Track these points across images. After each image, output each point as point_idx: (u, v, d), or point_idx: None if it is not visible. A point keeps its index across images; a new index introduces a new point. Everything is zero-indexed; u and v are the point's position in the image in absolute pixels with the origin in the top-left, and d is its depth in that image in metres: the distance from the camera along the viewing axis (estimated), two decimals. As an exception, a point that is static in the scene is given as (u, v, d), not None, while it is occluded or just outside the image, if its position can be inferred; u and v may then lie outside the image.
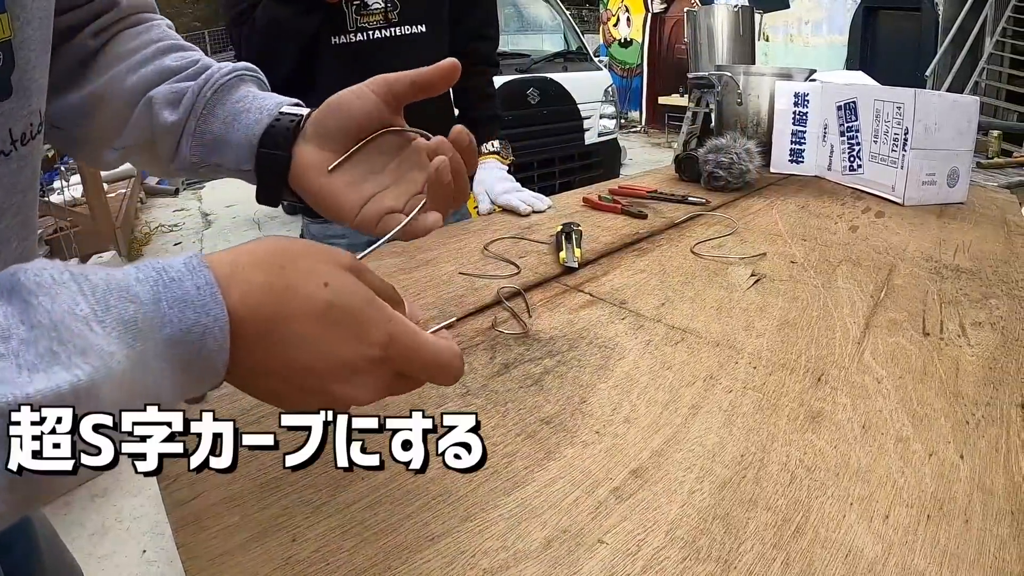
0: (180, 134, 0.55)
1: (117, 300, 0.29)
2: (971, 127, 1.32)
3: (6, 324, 0.26)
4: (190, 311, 0.31)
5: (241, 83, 0.57)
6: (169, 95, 0.54)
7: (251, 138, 0.53)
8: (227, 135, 0.55)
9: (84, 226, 4.37)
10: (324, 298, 0.35)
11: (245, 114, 0.54)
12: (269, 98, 0.56)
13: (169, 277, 0.31)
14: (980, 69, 5.68)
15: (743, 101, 1.65)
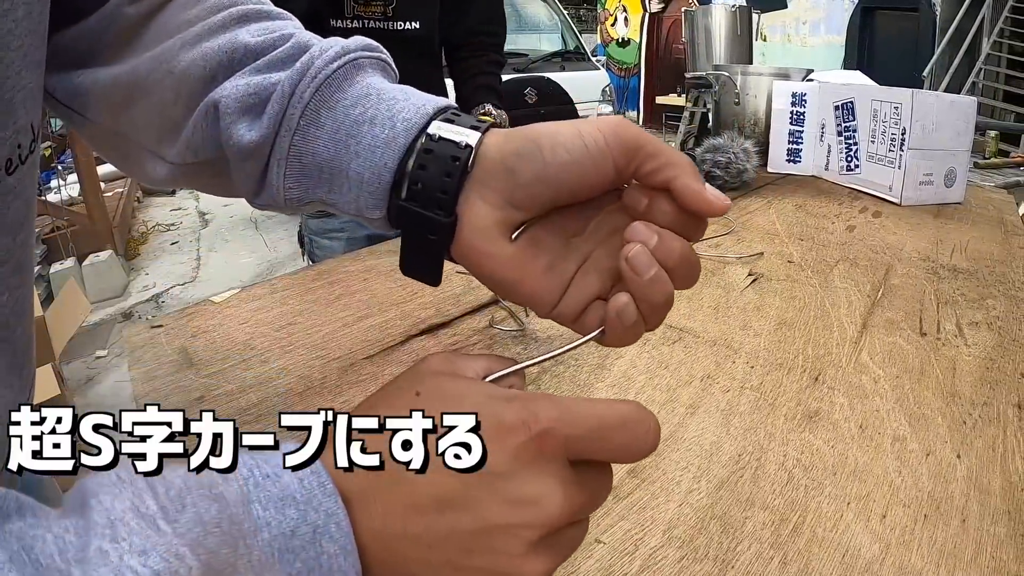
0: (267, 157, 0.37)
1: (197, 498, 0.23)
2: (968, 127, 1.32)
3: (64, 540, 0.21)
4: (293, 509, 0.25)
5: (358, 72, 0.38)
6: (245, 97, 0.37)
7: (380, 172, 0.34)
8: (340, 161, 0.36)
9: (81, 225, 4.36)
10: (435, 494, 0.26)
11: (369, 128, 0.35)
12: (405, 98, 0.36)
13: (262, 474, 0.25)
14: (977, 69, 5.69)
15: (740, 101, 1.65)
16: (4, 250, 0.35)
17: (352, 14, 1.16)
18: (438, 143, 0.33)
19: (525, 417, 0.26)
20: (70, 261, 4.04)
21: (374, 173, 0.34)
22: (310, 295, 0.87)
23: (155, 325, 0.79)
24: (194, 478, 0.24)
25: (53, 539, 0.21)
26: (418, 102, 0.36)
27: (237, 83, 0.37)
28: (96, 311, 3.83)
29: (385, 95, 0.36)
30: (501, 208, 0.33)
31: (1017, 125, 5.08)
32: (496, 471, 0.25)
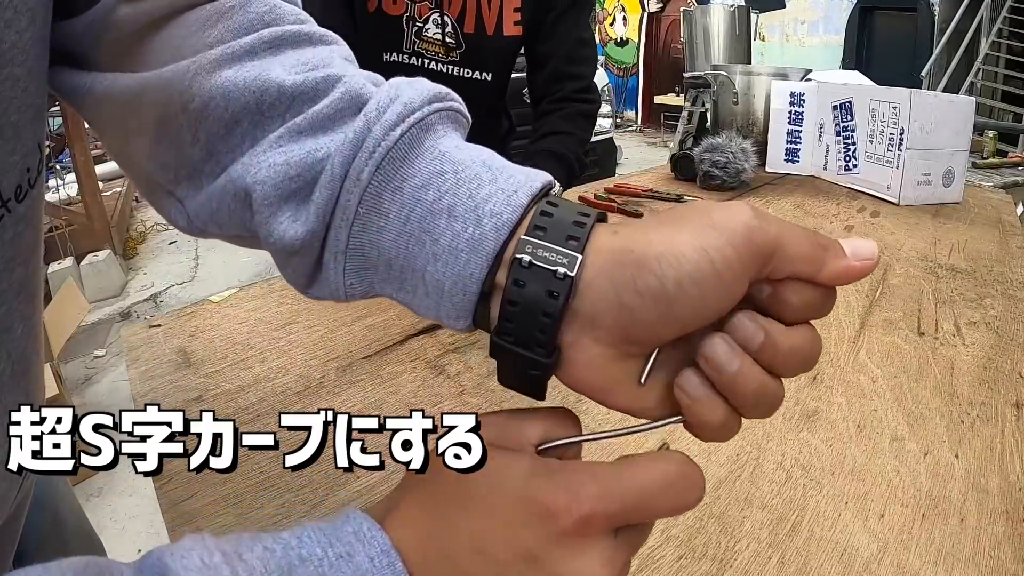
0: (319, 251, 0.30)
1: None
2: (967, 127, 1.32)
3: None
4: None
5: (428, 134, 0.30)
6: (286, 182, 0.29)
7: (466, 283, 0.28)
8: (414, 260, 0.29)
9: (79, 225, 4.36)
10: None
11: (448, 223, 0.28)
12: (492, 179, 0.29)
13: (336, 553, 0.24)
14: (976, 69, 5.70)
15: (739, 101, 1.65)
16: (19, 282, 0.32)
17: (411, 49, 1.04)
18: (535, 253, 0.27)
19: (568, 501, 0.25)
20: (68, 261, 4.03)
21: (457, 282, 0.28)
22: (309, 295, 0.87)
23: (153, 325, 0.79)
24: (272, 560, 0.23)
25: None
26: (507, 186, 0.28)
27: (273, 160, 0.29)
28: (94, 310, 3.82)
29: (464, 173, 0.29)
30: (615, 346, 0.27)
31: (1015, 125, 5.08)
32: (538, 555, 0.25)
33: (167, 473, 0.53)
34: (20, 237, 0.30)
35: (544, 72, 1.16)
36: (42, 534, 0.55)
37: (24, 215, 0.30)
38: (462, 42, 1.04)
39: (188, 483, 0.52)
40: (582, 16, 1.18)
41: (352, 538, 0.25)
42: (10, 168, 0.28)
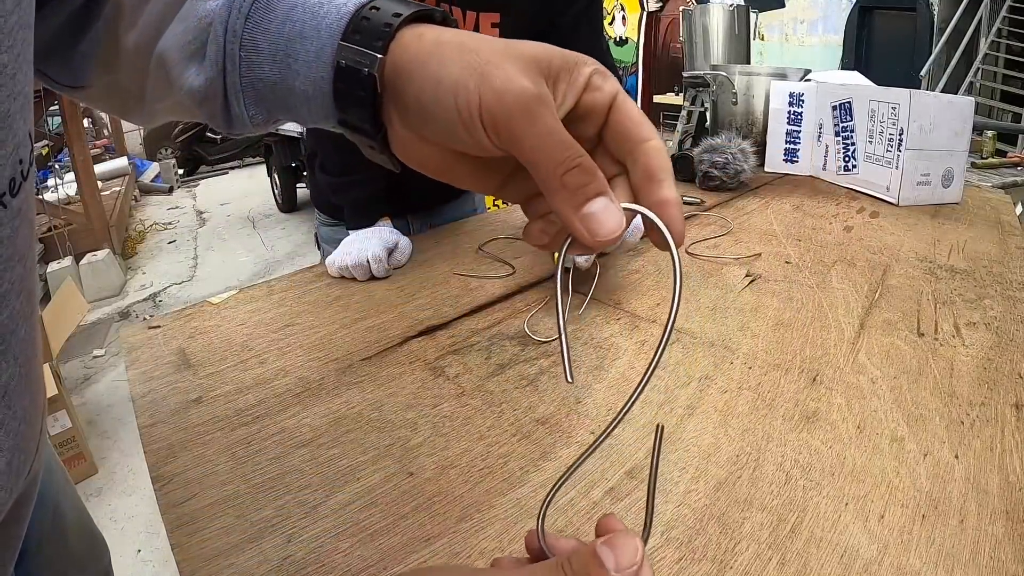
0: (223, 94, 0.38)
1: None
2: (966, 127, 1.32)
3: None
4: None
5: None
6: (185, 46, 0.38)
7: (320, 87, 0.35)
8: (287, 82, 0.36)
9: (78, 224, 4.36)
10: None
11: (301, 44, 0.35)
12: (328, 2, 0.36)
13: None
14: (975, 69, 5.70)
15: (738, 101, 1.65)
16: (18, 280, 0.32)
17: None
18: (346, 69, 0.33)
19: None
20: (67, 260, 4.03)
21: (315, 89, 0.35)
22: (308, 296, 0.87)
23: (153, 326, 0.79)
24: None
25: None
26: (339, 3, 0.35)
27: (175, 30, 0.38)
28: (93, 310, 3.82)
29: (309, 3, 0.36)
30: (419, 134, 0.33)
31: (1014, 125, 5.08)
32: None
33: (166, 474, 0.53)
34: (16, 233, 0.31)
35: None
36: (43, 531, 0.55)
37: (19, 209, 0.31)
38: None
39: (187, 484, 0.51)
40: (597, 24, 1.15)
41: None
42: (2, 161, 0.29)
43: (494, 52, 0.30)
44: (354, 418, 0.59)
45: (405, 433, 0.57)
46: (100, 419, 2.65)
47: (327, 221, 1.19)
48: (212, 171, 8.22)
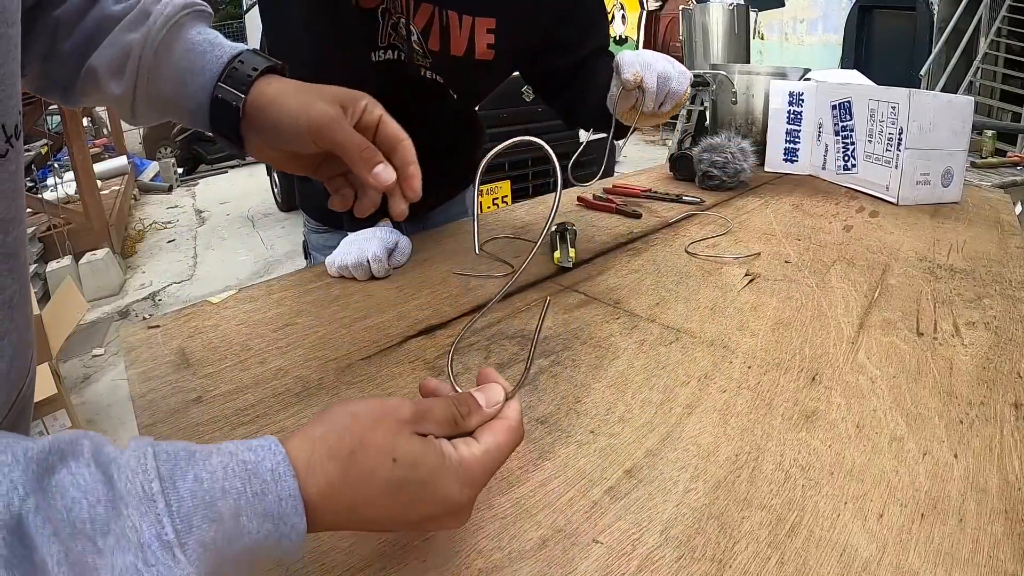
0: (132, 100, 0.58)
1: (201, 520, 0.30)
2: (965, 127, 1.32)
3: (104, 516, 0.28)
4: (269, 523, 0.32)
5: (182, 29, 0.58)
6: (112, 63, 0.56)
7: (203, 106, 0.58)
8: (180, 98, 0.58)
9: (77, 223, 4.36)
10: (397, 476, 0.36)
11: (191, 77, 0.57)
12: (212, 50, 0.58)
13: (253, 491, 0.32)
14: (975, 69, 5.70)
15: (738, 100, 1.65)
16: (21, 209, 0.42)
17: (387, 42, 0.99)
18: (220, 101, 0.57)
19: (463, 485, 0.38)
20: (67, 259, 4.03)
21: (199, 108, 0.58)
22: (307, 296, 0.87)
23: (152, 325, 0.79)
24: (200, 493, 0.30)
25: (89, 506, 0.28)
26: (220, 53, 0.58)
27: (104, 53, 0.56)
28: (93, 309, 3.82)
29: (198, 49, 0.58)
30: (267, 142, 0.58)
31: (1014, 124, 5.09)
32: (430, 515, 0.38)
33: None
34: (18, 169, 0.40)
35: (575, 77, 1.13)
36: None
37: (19, 151, 0.40)
38: (428, 55, 1.00)
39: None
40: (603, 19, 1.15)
41: (269, 480, 0.33)
42: (9, 110, 0.38)
43: (311, 95, 0.56)
44: (353, 417, 0.59)
45: (404, 432, 0.57)
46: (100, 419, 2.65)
47: (317, 228, 1.18)
48: (211, 170, 8.22)
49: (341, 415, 0.37)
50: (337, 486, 0.35)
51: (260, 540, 0.32)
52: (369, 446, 0.36)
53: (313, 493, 0.34)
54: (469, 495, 0.39)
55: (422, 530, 0.42)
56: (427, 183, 1.18)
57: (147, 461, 0.30)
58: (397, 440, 0.37)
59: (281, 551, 0.33)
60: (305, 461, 0.35)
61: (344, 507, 0.35)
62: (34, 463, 0.28)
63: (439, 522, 0.38)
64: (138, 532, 0.28)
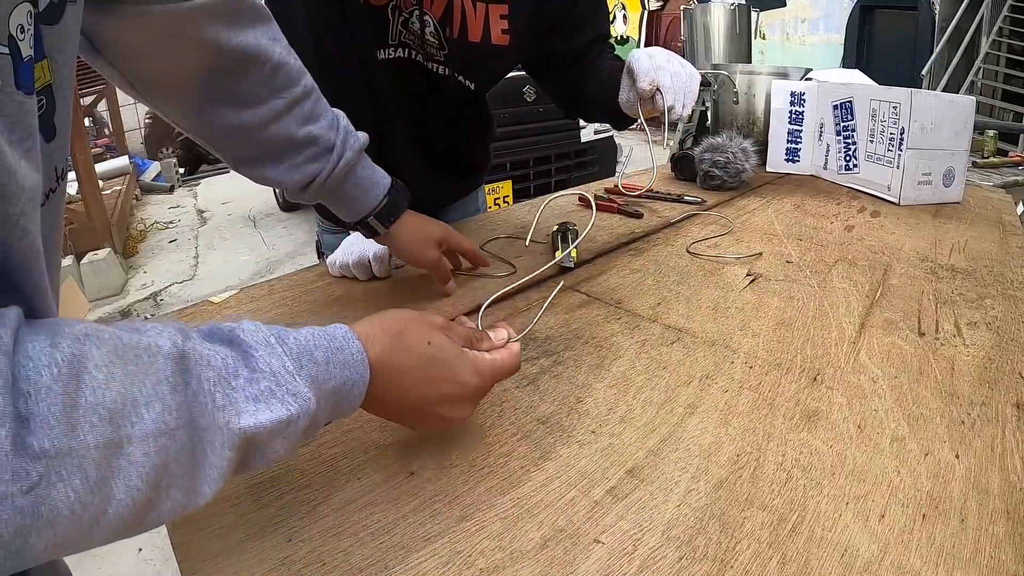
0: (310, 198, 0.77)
1: (307, 361, 0.41)
2: (967, 127, 1.32)
3: (234, 366, 0.38)
4: (347, 371, 0.44)
5: (354, 170, 0.77)
6: (296, 182, 0.73)
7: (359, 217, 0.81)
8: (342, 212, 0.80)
9: (79, 223, 4.36)
10: (429, 352, 0.49)
11: (355, 204, 0.79)
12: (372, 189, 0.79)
13: (335, 346, 0.44)
14: (976, 68, 5.69)
15: (739, 100, 1.65)
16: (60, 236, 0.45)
17: (398, 40, 0.98)
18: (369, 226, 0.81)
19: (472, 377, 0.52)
20: (68, 259, 4.03)
21: (356, 219, 0.81)
22: (309, 296, 0.87)
23: (153, 324, 0.79)
24: (302, 344, 0.42)
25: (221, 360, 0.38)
26: (377, 193, 0.80)
27: (289, 174, 0.73)
28: (95, 309, 3.82)
29: (364, 185, 0.79)
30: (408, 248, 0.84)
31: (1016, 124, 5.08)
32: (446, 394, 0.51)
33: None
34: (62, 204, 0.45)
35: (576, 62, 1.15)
36: None
37: (64, 188, 0.44)
38: (445, 45, 0.99)
39: (188, 484, 0.51)
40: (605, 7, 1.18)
41: (343, 340, 0.45)
42: (62, 154, 0.42)
43: (421, 242, 0.84)
44: (355, 417, 0.59)
45: (406, 432, 0.57)
46: (101, 418, 2.65)
47: (331, 228, 1.18)
48: (213, 170, 8.23)
49: (392, 312, 0.52)
50: (388, 352, 0.47)
51: (341, 384, 0.43)
52: (412, 330, 0.50)
53: (371, 354, 0.46)
54: (477, 384, 0.52)
55: (439, 413, 0.50)
56: (441, 178, 1.18)
57: (260, 328, 0.41)
58: (431, 332, 0.51)
59: (351, 399, 0.45)
60: (366, 333, 0.47)
61: (392, 369, 0.47)
62: (179, 332, 0.36)
63: (452, 405, 0.51)
64: (269, 364, 0.39)
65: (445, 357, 0.50)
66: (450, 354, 0.51)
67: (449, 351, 0.51)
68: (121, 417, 0.31)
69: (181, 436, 0.33)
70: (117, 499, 0.31)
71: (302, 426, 0.40)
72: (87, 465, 0.29)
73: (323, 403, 0.42)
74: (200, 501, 0.36)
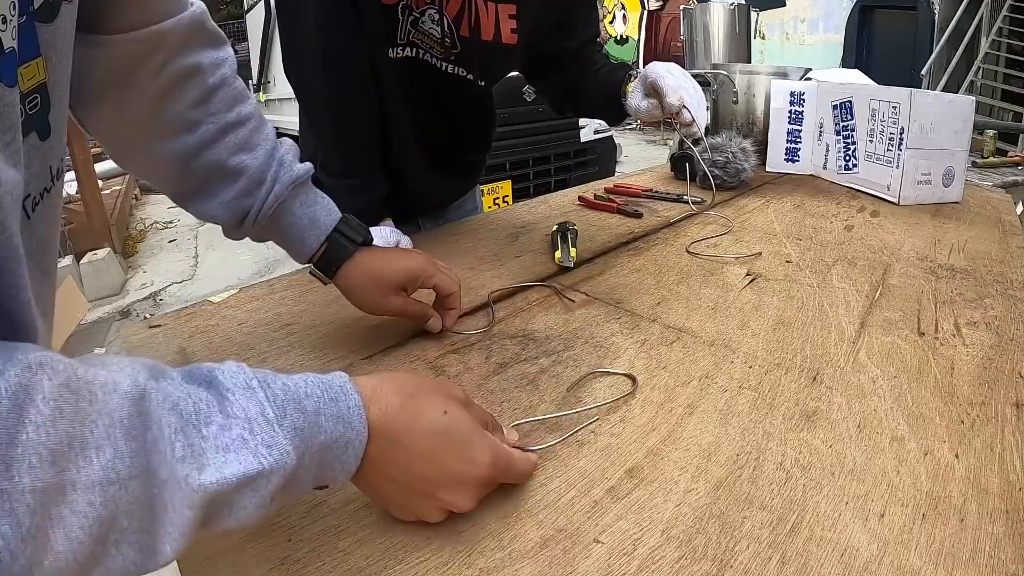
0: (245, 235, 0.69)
1: (292, 410, 0.38)
2: (966, 127, 1.32)
3: (207, 411, 0.35)
4: (341, 426, 0.40)
5: (289, 200, 0.68)
6: (229, 218, 0.66)
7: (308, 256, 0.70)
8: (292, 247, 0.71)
9: (79, 223, 4.35)
10: (443, 423, 0.45)
11: (294, 245, 0.70)
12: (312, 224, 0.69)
13: (329, 397, 0.40)
14: (976, 68, 5.70)
15: (739, 100, 1.65)
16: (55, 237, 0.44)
17: (407, 39, 0.98)
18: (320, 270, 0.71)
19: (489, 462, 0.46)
20: (68, 259, 4.03)
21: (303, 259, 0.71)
22: (309, 296, 0.87)
23: (153, 325, 0.79)
24: (290, 391, 0.39)
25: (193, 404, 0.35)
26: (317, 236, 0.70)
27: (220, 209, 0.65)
28: (94, 309, 3.82)
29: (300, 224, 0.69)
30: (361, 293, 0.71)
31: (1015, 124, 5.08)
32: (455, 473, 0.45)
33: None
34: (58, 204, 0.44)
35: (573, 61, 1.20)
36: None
37: (59, 188, 0.44)
38: (457, 43, 1.00)
39: (187, 483, 0.51)
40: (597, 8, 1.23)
41: (339, 391, 0.41)
42: (57, 154, 0.42)
43: (377, 291, 0.70)
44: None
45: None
46: (101, 418, 2.65)
47: None
48: (213, 170, 8.20)
49: (406, 373, 0.48)
50: (395, 413, 0.43)
51: (333, 439, 0.40)
52: (426, 395, 0.46)
53: (374, 412, 0.42)
54: (488, 471, 0.46)
55: (440, 497, 0.45)
56: (444, 178, 1.18)
57: (244, 370, 0.38)
58: (449, 402, 0.46)
59: (344, 461, 0.41)
60: (371, 389, 0.43)
61: (397, 431, 0.43)
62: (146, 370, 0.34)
63: (456, 489, 0.45)
64: (244, 410, 0.36)
65: (460, 431, 0.45)
66: (467, 428, 0.46)
67: (466, 425, 0.46)
68: (65, 460, 0.28)
69: (134, 487, 0.30)
70: (55, 551, 0.28)
71: (276, 483, 0.36)
72: (19, 510, 0.26)
73: (308, 460, 0.38)
74: (160, 561, 0.32)
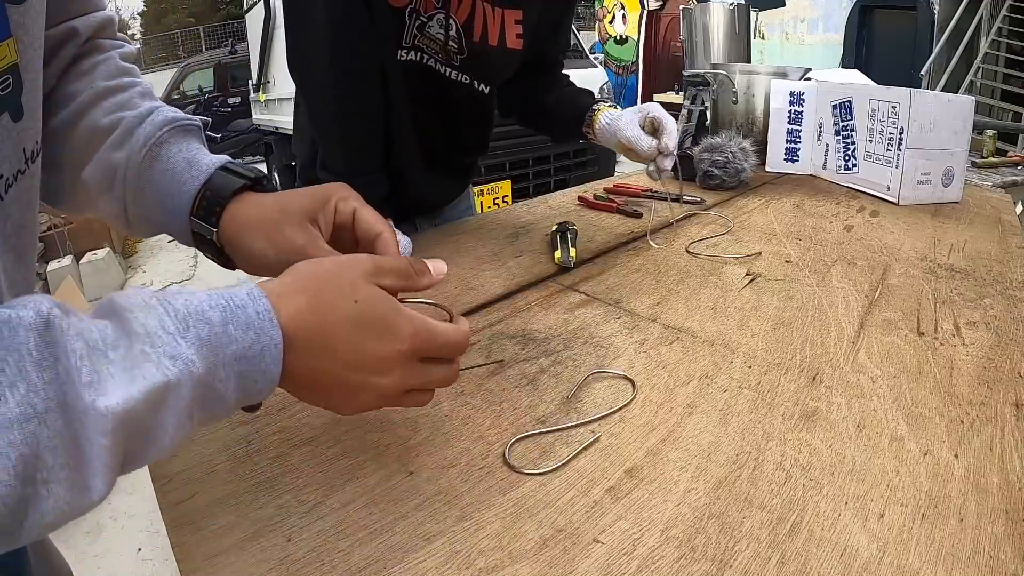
0: (125, 218, 0.55)
1: (196, 322, 0.36)
2: (966, 127, 1.32)
3: (114, 336, 0.33)
4: (252, 333, 0.38)
5: (163, 146, 0.54)
6: (100, 181, 0.54)
7: (184, 224, 0.54)
8: (164, 215, 0.55)
9: (78, 223, 4.35)
10: (356, 311, 0.42)
11: (171, 199, 0.54)
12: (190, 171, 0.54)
13: (235, 305, 0.38)
14: (975, 68, 5.70)
15: (738, 100, 1.65)
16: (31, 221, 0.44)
17: (411, 43, 0.98)
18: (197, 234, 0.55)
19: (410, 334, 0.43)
20: (67, 259, 4.03)
21: (184, 231, 0.55)
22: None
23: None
24: (192, 305, 0.37)
25: (98, 331, 0.33)
26: (196, 176, 0.54)
27: (94, 171, 0.54)
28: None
29: (177, 169, 0.54)
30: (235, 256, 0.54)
31: (1015, 124, 5.09)
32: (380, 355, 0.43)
33: (166, 474, 0.53)
34: (33, 187, 0.43)
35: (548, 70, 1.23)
36: None
37: (34, 172, 0.43)
38: (464, 49, 1.01)
39: (188, 483, 0.52)
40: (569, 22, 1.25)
41: (246, 298, 0.39)
42: (31, 136, 0.41)
43: (277, 222, 0.52)
44: (354, 417, 0.59)
45: (405, 432, 0.57)
46: (100, 418, 2.65)
47: None
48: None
49: (306, 266, 0.44)
50: (305, 311, 0.41)
51: (246, 348, 0.37)
52: (333, 286, 0.42)
53: (283, 315, 0.40)
54: (413, 344, 0.43)
55: (371, 381, 0.43)
56: (441, 179, 1.19)
57: (143, 291, 0.36)
58: (358, 284, 0.43)
59: (264, 369, 0.39)
60: (276, 292, 0.41)
61: (311, 331, 0.41)
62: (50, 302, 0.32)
63: (384, 369, 0.43)
64: (144, 326, 0.34)
65: (375, 312, 0.42)
66: (384, 308, 0.43)
67: (382, 305, 0.43)
68: None
69: (54, 421, 0.29)
70: None
71: (189, 396, 0.35)
72: None
73: (223, 372, 0.37)
74: (95, 497, 0.31)
